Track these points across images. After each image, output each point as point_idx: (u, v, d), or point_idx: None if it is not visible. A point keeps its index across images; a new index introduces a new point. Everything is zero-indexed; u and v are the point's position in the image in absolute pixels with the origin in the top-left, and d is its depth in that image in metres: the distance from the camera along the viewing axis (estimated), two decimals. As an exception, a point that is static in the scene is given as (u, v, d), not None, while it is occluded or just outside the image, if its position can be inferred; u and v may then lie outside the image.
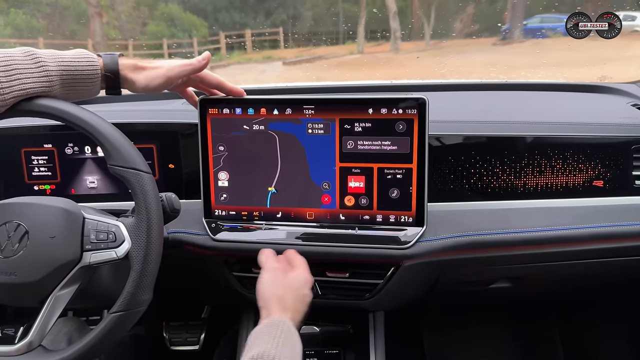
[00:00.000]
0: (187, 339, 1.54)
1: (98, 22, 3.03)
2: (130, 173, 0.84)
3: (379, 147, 0.98)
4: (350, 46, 2.06)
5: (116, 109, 1.21)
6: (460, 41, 1.81)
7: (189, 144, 1.10)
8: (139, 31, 3.94)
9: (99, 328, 0.84)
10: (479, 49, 1.70)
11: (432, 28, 2.02)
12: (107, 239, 0.85)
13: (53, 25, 2.96)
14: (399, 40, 2.02)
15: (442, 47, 1.88)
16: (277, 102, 0.99)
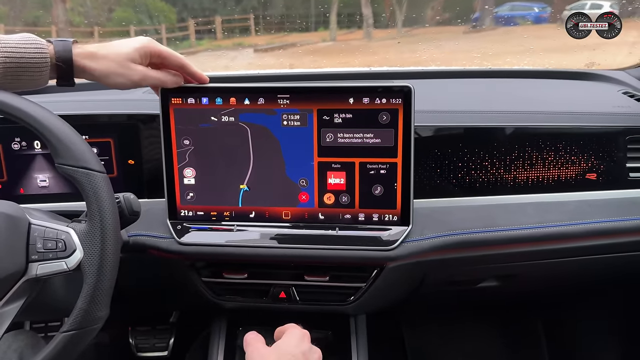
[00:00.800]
0: (155, 345, 1.44)
1: (61, 7, 2.89)
2: (81, 173, 0.74)
3: (361, 140, 0.90)
4: (322, 33, 2.02)
5: (66, 99, 1.09)
6: (432, 29, 1.77)
7: (151, 138, 1.00)
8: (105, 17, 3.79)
9: (48, 349, 0.74)
10: (451, 36, 1.68)
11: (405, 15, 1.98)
12: (56, 248, 0.76)
13: (15, 12, 2.80)
14: (371, 28, 1.98)
15: (415, 35, 1.84)
16: (248, 90, 0.90)
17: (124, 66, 0.80)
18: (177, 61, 0.86)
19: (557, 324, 1.56)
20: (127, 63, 0.80)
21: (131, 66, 0.80)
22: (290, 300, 0.99)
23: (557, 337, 1.56)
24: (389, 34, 1.99)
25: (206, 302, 1.03)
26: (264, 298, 1.00)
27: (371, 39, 1.95)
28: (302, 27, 1.88)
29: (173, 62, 0.86)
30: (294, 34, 1.87)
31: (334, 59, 1.80)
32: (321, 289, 0.99)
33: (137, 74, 0.81)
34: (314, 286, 0.98)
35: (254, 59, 1.97)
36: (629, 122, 1.03)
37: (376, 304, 1.05)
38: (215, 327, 1.13)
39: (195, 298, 1.03)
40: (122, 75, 0.80)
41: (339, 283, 0.97)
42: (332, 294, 0.99)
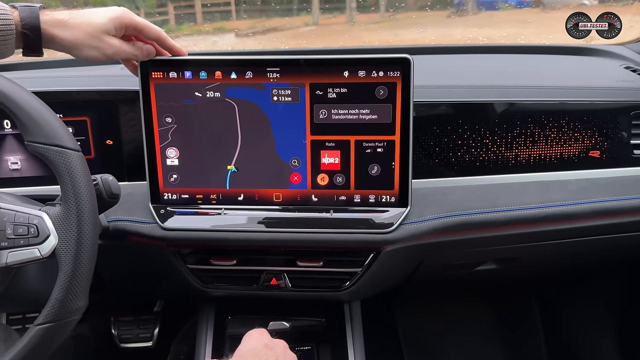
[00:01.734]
0: (139, 335, 1.38)
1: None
2: (53, 151, 0.68)
3: (357, 116, 0.84)
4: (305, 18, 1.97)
5: (38, 75, 1.02)
6: (415, 13, 1.77)
7: (130, 116, 0.93)
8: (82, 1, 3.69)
9: (22, 344, 0.69)
10: (434, 21, 1.65)
11: (387, 0, 1.96)
12: (27, 234, 0.70)
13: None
14: (354, 12, 1.94)
15: (398, 19, 1.83)
16: (235, 63, 0.83)
17: (97, 38, 0.73)
18: (154, 33, 0.80)
19: (554, 307, 1.54)
20: (100, 35, 0.74)
21: (105, 38, 0.74)
22: (281, 288, 0.94)
23: (553, 320, 1.53)
24: (372, 18, 1.98)
25: (193, 291, 0.97)
26: (254, 285, 0.95)
27: (354, 23, 1.92)
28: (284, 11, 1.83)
29: (150, 34, 0.80)
30: (276, 18, 1.85)
31: (317, 44, 1.77)
32: (314, 275, 0.94)
33: (111, 47, 0.75)
34: (307, 272, 0.93)
35: (236, 44, 1.93)
36: (634, 96, 0.99)
37: (372, 289, 1.01)
38: (203, 317, 1.08)
39: (180, 286, 0.98)
40: (95, 48, 0.74)
41: (333, 268, 0.92)
42: (326, 280, 0.94)
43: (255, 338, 0.72)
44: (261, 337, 0.72)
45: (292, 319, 1.01)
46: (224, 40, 1.91)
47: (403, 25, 1.74)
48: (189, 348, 1.40)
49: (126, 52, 0.78)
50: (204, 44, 1.83)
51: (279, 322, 1.01)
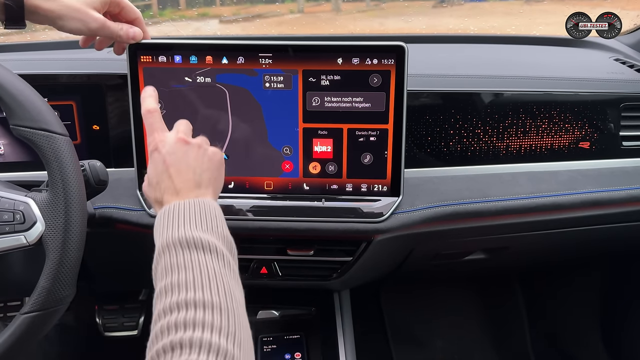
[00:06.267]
0: (124, 324, 1.36)
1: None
2: (40, 135, 0.66)
3: (350, 104, 0.83)
4: (290, 5, 1.95)
5: (23, 57, 0.99)
6: (400, 3, 1.77)
7: (118, 100, 0.91)
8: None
9: (8, 333, 0.67)
10: (419, 11, 1.66)
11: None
12: (13, 220, 0.68)
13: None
14: (340, 0, 1.91)
15: (383, 9, 1.84)
16: (226, 47, 0.81)
17: (81, 11, 0.71)
18: (133, 13, 0.79)
19: (539, 297, 1.56)
20: (85, 8, 0.72)
21: (89, 12, 0.72)
22: (271, 276, 0.94)
23: (538, 310, 1.55)
24: (358, 6, 1.96)
25: (181, 279, 0.96)
26: (244, 274, 0.94)
27: (340, 12, 1.91)
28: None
29: (129, 14, 0.79)
30: (260, 5, 1.84)
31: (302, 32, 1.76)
32: (305, 264, 0.93)
33: (95, 21, 0.73)
34: (297, 261, 0.93)
35: (220, 30, 1.91)
36: (624, 88, 0.99)
37: (362, 278, 1.00)
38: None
39: (168, 275, 0.96)
40: (79, 20, 0.71)
41: (324, 257, 0.92)
42: (316, 268, 0.93)
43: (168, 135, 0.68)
44: (175, 134, 0.68)
45: (282, 308, 1.01)
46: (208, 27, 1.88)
47: (388, 15, 1.74)
48: (175, 337, 1.39)
49: (110, 29, 0.75)
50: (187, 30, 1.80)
51: (268, 310, 1.01)
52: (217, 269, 0.54)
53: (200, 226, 0.57)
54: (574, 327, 1.47)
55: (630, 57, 1.15)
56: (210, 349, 0.45)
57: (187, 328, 0.46)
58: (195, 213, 0.59)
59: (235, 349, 0.47)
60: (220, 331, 0.47)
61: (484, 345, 1.56)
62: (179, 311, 0.48)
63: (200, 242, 0.55)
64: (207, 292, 0.50)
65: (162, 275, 0.54)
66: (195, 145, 0.66)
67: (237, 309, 0.51)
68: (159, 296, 0.52)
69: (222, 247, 0.57)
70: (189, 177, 0.63)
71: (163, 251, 0.56)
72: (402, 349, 1.53)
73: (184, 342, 0.45)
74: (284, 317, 1.01)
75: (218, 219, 0.60)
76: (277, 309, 1.01)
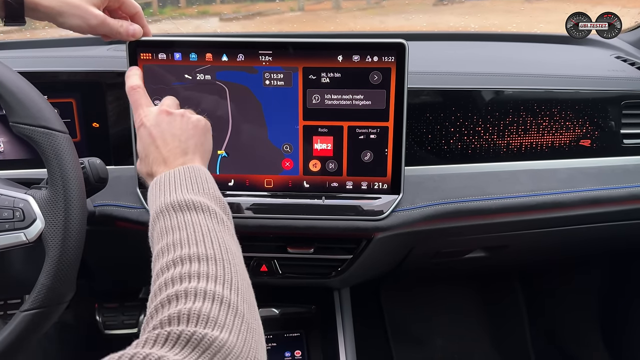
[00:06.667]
0: (124, 322, 1.36)
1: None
2: (40, 132, 0.66)
3: (350, 101, 0.83)
4: (290, 2, 1.95)
5: (23, 55, 0.98)
6: (401, 1, 1.75)
7: (117, 98, 0.90)
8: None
9: (8, 330, 0.67)
10: (420, 9, 1.66)
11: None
12: (13, 218, 0.68)
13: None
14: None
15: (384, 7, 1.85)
16: (226, 45, 0.81)
17: (81, 8, 0.71)
18: (133, 8, 0.79)
19: (538, 295, 1.56)
20: (85, 4, 0.71)
21: (89, 8, 0.72)
22: (271, 274, 0.93)
23: (537, 308, 1.55)
24: (358, 4, 1.97)
25: (181, 277, 0.96)
26: (244, 272, 0.94)
27: (340, 10, 1.91)
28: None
29: (129, 8, 0.79)
30: (261, 3, 1.84)
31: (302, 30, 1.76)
32: (305, 262, 0.93)
33: (95, 18, 0.73)
34: (297, 259, 0.93)
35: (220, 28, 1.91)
36: (624, 86, 0.99)
37: (362, 276, 1.00)
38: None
39: (168, 273, 0.96)
40: (79, 17, 0.71)
41: (324, 255, 0.92)
42: (316, 266, 0.93)
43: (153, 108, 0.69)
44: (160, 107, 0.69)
45: (282, 306, 1.01)
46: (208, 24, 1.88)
47: (389, 12, 1.74)
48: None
49: (110, 25, 0.75)
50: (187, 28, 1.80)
51: (268, 308, 1.01)
52: (211, 226, 0.55)
53: (192, 189, 0.58)
54: (573, 325, 1.47)
55: (631, 54, 1.15)
56: (206, 295, 0.45)
57: (182, 281, 0.48)
58: (184, 178, 0.60)
59: (232, 294, 0.47)
60: (215, 280, 0.48)
61: (484, 343, 1.56)
62: (175, 267, 0.50)
63: (192, 203, 0.56)
64: (201, 246, 0.51)
65: (158, 239, 0.55)
66: (178, 114, 0.68)
67: (232, 259, 0.52)
68: (156, 259, 0.53)
69: (214, 206, 0.58)
70: (175, 145, 0.65)
71: (157, 217, 0.57)
72: (402, 347, 1.53)
73: (179, 294, 0.46)
74: (284, 315, 1.01)
75: (208, 181, 0.62)
76: (277, 307, 1.01)
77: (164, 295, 0.46)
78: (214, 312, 0.44)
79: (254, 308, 0.50)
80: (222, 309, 0.45)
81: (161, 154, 0.64)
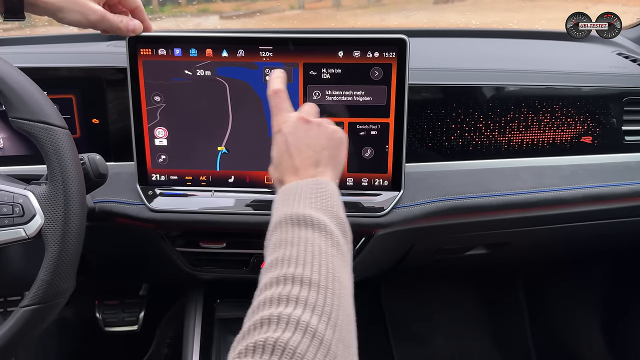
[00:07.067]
0: (124, 319, 1.36)
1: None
2: (39, 128, 0.66)
3: (351, 97, 0.82)
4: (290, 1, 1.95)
5: (22, 50, 0.98)
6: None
7: (117, 94, 0.90)
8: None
9: (8, 326, 0.67)
10: (420, 6, 1.65)
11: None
12: (12, 213, 0.67)
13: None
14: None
15: (384, 5, 1.84)
16: (226, 40, 0.81)
17: (80, 3, 0.71)
18: (133, 2, 0.79)
19: (539, 292, 1.55)
20: (85, 0, 0.71)
21: (89, 4, 0.72)
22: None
23: (538, 305, 1.55)
24: (359, 2, 1.96)
25: (181, 274, 0.96)
26: (244, 269, 0.94)
27: (340, 8, 1.91)
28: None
29: (129, 3, 0.79)
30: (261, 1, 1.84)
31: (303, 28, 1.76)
32: (305, 259, 0.92)
33: (95, 13, 0.73)
34: (297, 256, 0.92)
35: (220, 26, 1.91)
36: (626, 83, 0.99)
37: (362, 273, 0.99)
38: (191, 300, 1.07)
39: (168, 270, 0.96)
40: (79, 12, 0.71)
41: (324, 252, 0.91)
42: (317, 263, 0.93)
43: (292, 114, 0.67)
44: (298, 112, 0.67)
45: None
46: (208, 22, 1.88)
47: (389, 10, 1.74)
48: (175, 332, 1.39)
49: (110, 21, 0.75)
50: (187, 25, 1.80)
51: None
52: (323, 248, 0.52)
53: (315, 205, 0.56)
54: (574, 322, 1.46)
55: (633, 51, 1.14)
56: (298, 326, 0.42)
57: (280, 303, 0.45)
58: (309, 192, 0.58)
59: (328, 330, 0.44)
60: (313, 309, 0.45)
61: (485, 340, 1.56)
62: (277, 286, 0.47)
63: (310, 220, 0.54)
64: (307, 268, 0.49)
65: (272, 250, 0.53)
66: (316, 123, 0.65)
67: (337, 289, 0.49)
68: (265, 270, 0.52)
69: (333, 227, 0.55)
70: (308, 155, 0.63)
71: (275, 227, 0.55)
72: (403, 345, 1.53)
73: (272, 318, 0.43)
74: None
75: (333, 199, 0.59)
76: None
77: (258, 317, 0.44)
78: (301, 348, 0.41)
79: (350, 349, 0.46)
80: (312, 345, 0.42)
81: (293, 163, 0.63)
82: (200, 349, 1.01)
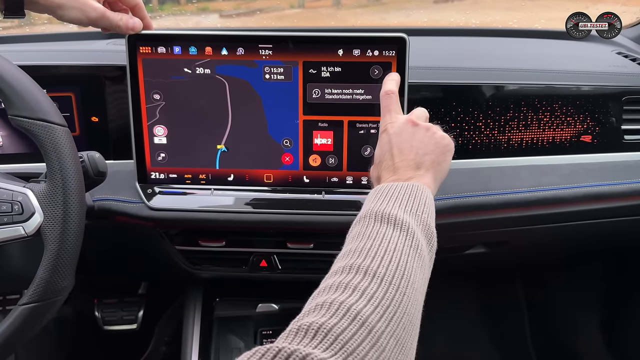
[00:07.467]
0: (123, 318, 1.36)
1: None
2: (38, 125, 0.66)
3: (350, 96, 0.82)
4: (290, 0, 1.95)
5: (22, 48, 0.98)
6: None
7: (117, 92, 0.90)
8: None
9: (6, 324, 0.67)
10: (420, 5, 1.65)
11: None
12: (11, 211, 0.68)
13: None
14: None
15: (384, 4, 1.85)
16: (226, 38, 0.81)
17: (80, 0, 0.71)
18: (133, 0, 0.78)
19: (538, 291, 1.55)
20: None
21: (89, 1, 0.72)
22: (271, 269, 0.93)
23: (537, 303, 1.55)
24: (359, 1, 1.98)
25: (180, 272, 0.96)
26: (244, 267, 0.94)
27: (341, 7, 1.91)
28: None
29: (129, 1, 0.78)
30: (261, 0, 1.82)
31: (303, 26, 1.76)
32: (305, 257, 0.93)
33: (95, 11, 0.72)
34: (297, 254, 0.92)
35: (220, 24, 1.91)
36: (626, 82, 0.98)
37: (362, 272, 1.00)
38: (190, 299, 1.07)
39: (167, 268, 0.96)
40: (79, 10, 0.71)
41: (324, 250, 0.91)
42: (316, 262, 0.93)
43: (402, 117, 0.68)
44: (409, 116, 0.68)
45: (282, 301, 1.01)
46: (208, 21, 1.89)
47: (389, 9, 1.74)
48: (174, 330, 1.39)
49: (110, 19, 0.75)
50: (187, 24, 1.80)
51: (268, 304, 1.00)
52: (400, 247, 0.51)
53: (405, 208, 0.55)
54: (573, 321, 1.46)
55: (632, 50, 1.14)
56: (347, 313, 0.42)
57: (337, 290, 0.45)
58: (403, 195, 0.57)
59: (380, 322, 0.42)
60: (369, 299, 0.44)
61: (484, 339, 1.56)
62: (341, 274, 0.47)
63: (394, 219, 0.53)
64: (376, 260, 0.48)
65: (349, 241, 0.54)
66: (424, 127, 0.65)
67: (404, 289, 0.47)
68: (339, 258, 0.52)
69: (418, 232, 0.54)
70: (410, 157, 0.63)
71: (358, 221, 0.56)
72: (402, 343, 1.53)
73: (325, 304, 0.43)
74: (284, 311, 1.01)
75: (426, 206, 0.58)
76: (276, 302, 1.00)
77: (314, 302, 0.44)
78: (346, 334, 0.40)
79: (405, 350, 0.44)
80: (360, 333, 0.40)
81: (394, 163, 0.63)
82: (199, 348, 1.01)
